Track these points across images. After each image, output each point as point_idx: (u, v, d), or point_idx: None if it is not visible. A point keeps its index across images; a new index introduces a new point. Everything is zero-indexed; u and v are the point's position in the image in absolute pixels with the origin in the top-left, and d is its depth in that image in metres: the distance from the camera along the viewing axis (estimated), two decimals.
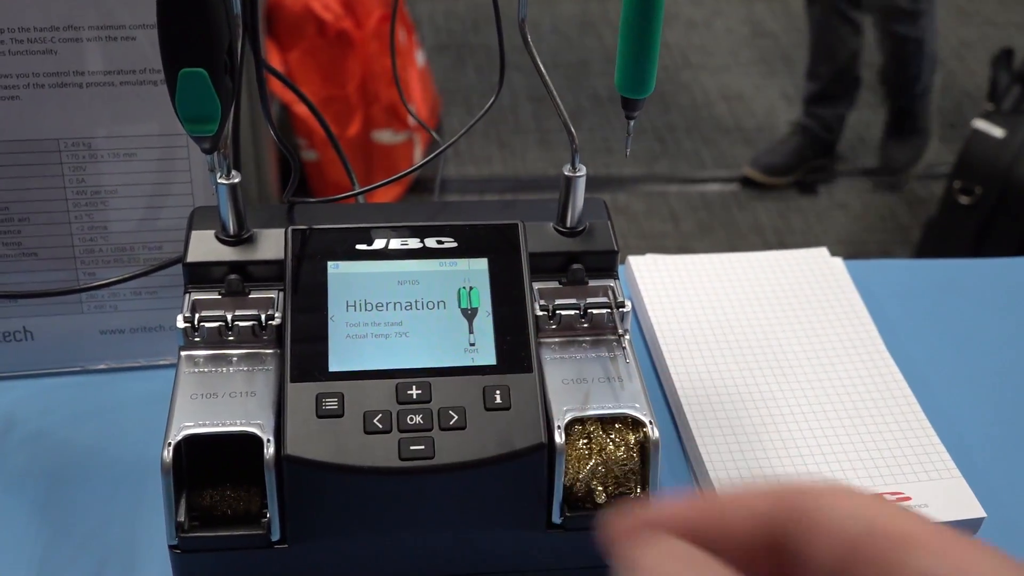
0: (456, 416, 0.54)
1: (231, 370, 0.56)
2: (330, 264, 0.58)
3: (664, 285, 0.79)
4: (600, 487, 0.55)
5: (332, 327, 0.56)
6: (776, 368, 0.73)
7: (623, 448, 0.56)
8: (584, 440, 0.56)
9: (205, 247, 0.59)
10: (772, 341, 0.75)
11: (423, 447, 0.53)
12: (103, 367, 0.73)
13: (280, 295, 0.58)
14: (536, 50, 0.56)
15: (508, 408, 0.54)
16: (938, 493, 0.64)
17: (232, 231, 0.59)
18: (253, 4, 0.54)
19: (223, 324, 0.57)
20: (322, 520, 0.54)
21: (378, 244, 0.59)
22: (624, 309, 0.59)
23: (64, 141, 0.66)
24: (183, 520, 0.53)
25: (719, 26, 3.29)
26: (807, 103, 2.60)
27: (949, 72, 3.09)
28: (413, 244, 0.59)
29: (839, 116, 2.61)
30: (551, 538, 0.56)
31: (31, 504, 0.63)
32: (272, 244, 0.59)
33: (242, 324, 0.57)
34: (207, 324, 0.57)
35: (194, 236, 0.59)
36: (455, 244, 0.60)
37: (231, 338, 0.57)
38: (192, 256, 0.58)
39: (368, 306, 0.57)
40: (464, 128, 0.64)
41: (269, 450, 0.52)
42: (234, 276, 0.58)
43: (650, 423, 0.55)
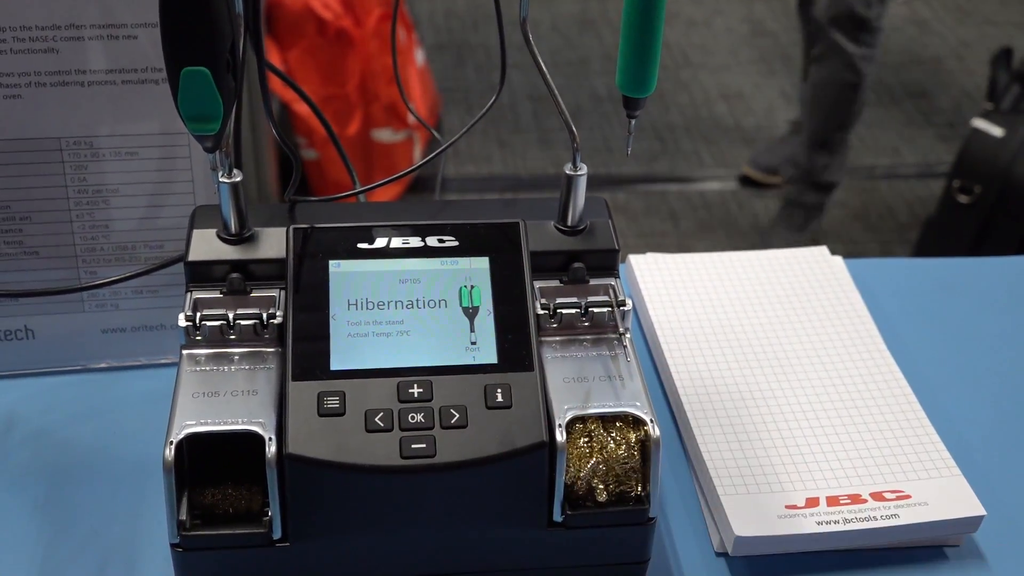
0: (457, 415, 0.54)
1: (233, 369, 0.56)
2: (331, 263, 0.58)
3: (664, 284, 0.79)
4: (601, 485, 0.56)
5: (333, 326, 0.56)
6: (776, 366, 0.73)
7: (624, 446, 0.56)
8: (585, 438, 0.56)
9: (207, 246, 0.59)
10: (772, 339, 0.75)
11: (424, 445, 0.53)
12: (104, 366, 0.73)
13: (281, 294, 0.58)
14: (536, 49, 0.56)
15: (509, 407, 0.55)
16: (937, 491, 0.64)
17: (234, 230, 0.59)
18: (255, 3, 0.54)
19: (225, 323, 0.57)
20: (323, 518, 0.54)
21: (379, 243, 0.59)
22: (625, 308, 0.59)
23: (66, 140, 0.66)
24: (185, 518, 0.53)
25: (719, 25, 3.29)
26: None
27: (948, 71, 3.09)
28: (414, 243, 0.59)
29: None
30: (552, 536, 0.56)
31: (32, 503, 0.64)
32: (273, 243, 0.59)
33: (243, 323, 0.57)
34: (209, 323, 0.57)
35: (196, 235, 0.59)
36: (456, 243, 0.60)
37: (232, 337, 0.57)
38: (194, 255, 0.59)
39: (369, 305, 0.57)
40: (465, 127, 0.64)
41: (271, 449, 0.52)
42: (236, 275, 0.58)
43: (651, 421, 0.55)
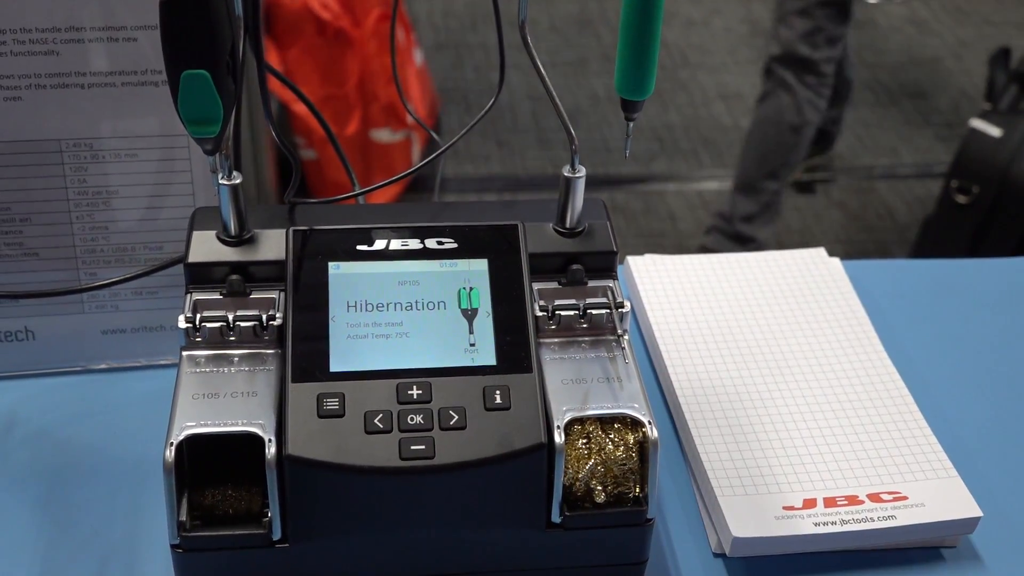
0: (456, 416, 0.54)
1: (232, 370, 0.56)
2: (331, 265, 0.58)
3: (663, 285, 0.80)
4: (599, 486, 0.56)
5: (333, 327, 0.57)
6: (774, 368, 0.73)
7: (622, 448, 0.56)
8: (583, 440, 0.56)
9: (206, 247, 0.59)
10: (770, 341, 0.75)
11: (423, 447, 0.53)
12: (104, 367, 0.73)
13: (281, 295, 0.58)
14: (535, 50, 0.56)
15: (508, 408, 0.55)
16: (934, 492, 0.64)
17: (233, 232, 0.59)
18: (255, 5, 0.54)
19: (224, 324, 0.57)
20: (323, 519, 0.54)
21: (379, 245, 0.59)
22: (623, 309, 0.60)
23: (66, 142, 0.67)
24: (185, 519, 0.54)
25: (717, 25, 3.29)
26: None
27: (946, 71, 3.09)
28: (413, 245, 0.60)
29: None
30: (551, 537, 0.56)
31: (32, 503, 0.64)
32: (273, 245, 0.59)
33: (243, 324, 0.57)
34: (208, 324, 0.57)
35: (195, 236, 0.60)
36: (455, 245, 0.60)
37: (232, 338, 0.57)
38: (193, 256, 0.59)
39: (369, 306, 0.58)
40: (464, 128, 0.64)
41: (270, 450, 0.52)
42: (235, 276, 0.58)
43: (649, 423, 0.55)
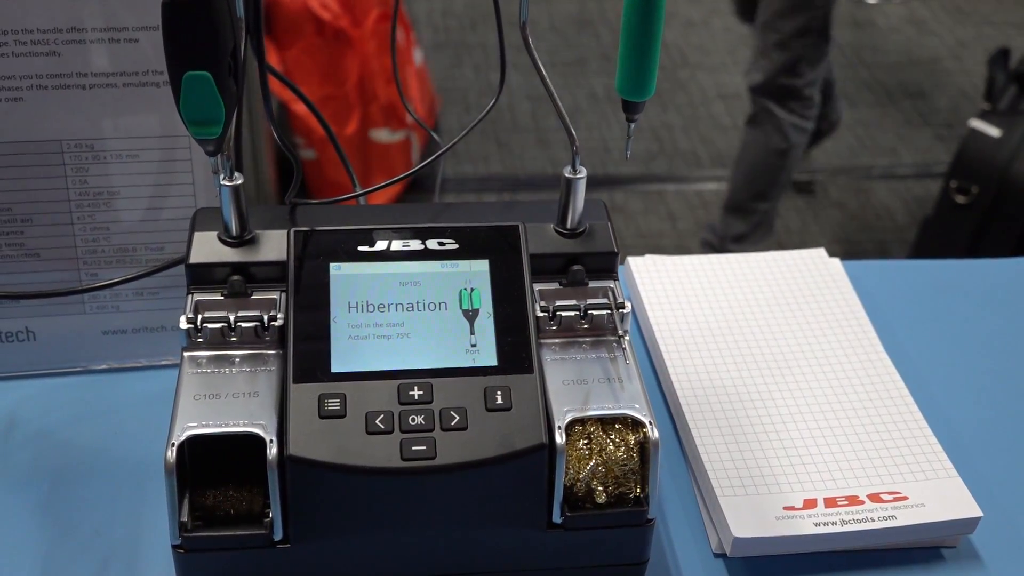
0: (457, 417, 0.54)
1: (234, 371, 0.56)
2: (332, 265, 0.58)
3: (663, 286, 0.80)
4: (600, 487, 0.56)
5: (334, 328, 0.57)
6: (774, 368, 0.73)
7: (623, 448, 0.56)
8: (584, 440, 0.56)
9: (207, 248, 0.59)
10: (770, 341, 0.75)
11: (425, 447, 0.53)
12: (105, 367, 0.73)
13: (282, 296, 0.58)
14: (535, 49, 0.56)
15: (509, 409, 0.55)
16: (935, 492, 0.64)
17: (234, 232, 0.59)
18: (256, 6, 0.54)
19: (226, 325, 0.57)
20: (324, 520, 0.54)
21: (380, 246, 0.60)
22: (624, 310, 0.60)
23: (67, 142, 0.67)
24: (186, 520, 0.54)
25: (717, 25, 3.29)
26: None
27: (946, 71, 3.10)
28: (415, 246, 0.60)
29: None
30: (551, 538, 0.56)
31: (34, 504, 0.64)
32: (274, 245, 0.59)
33: (245, 325, 0.57)
34: (210, 325, 0.57)
35: (196, 237, 0.60)
36: (456, 246, 0.60)
37: (234, 339, 0.57)
38: (195, 257, 0.59)
39: (370, 307, 0.58)
40: (464, 129, 0.64)
41: (272, 450, 0.52)
42: (236, 277, 0.58)
43: (650, 423, 0.55)
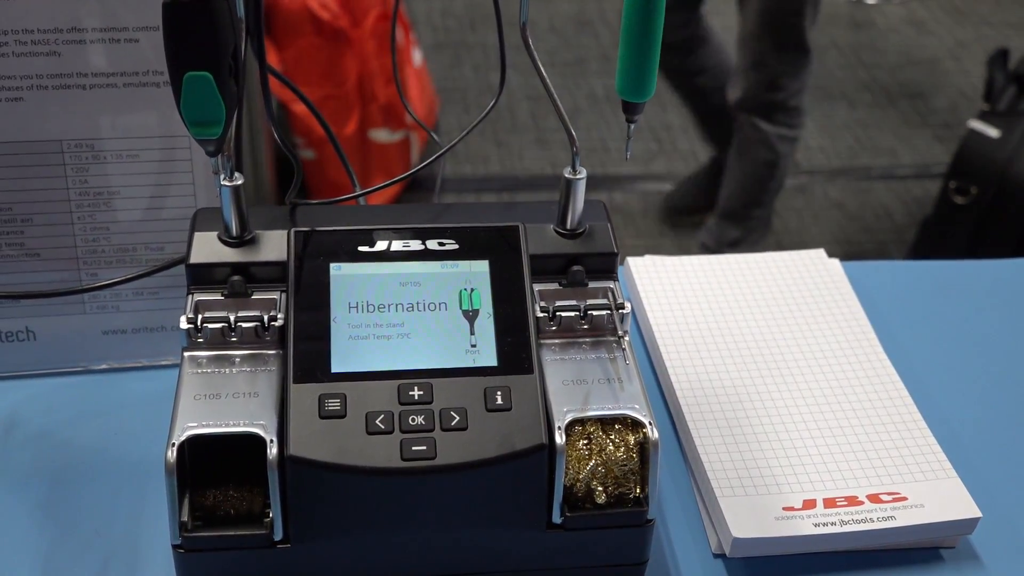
0: (457, 417, 0.54)
1: (234, 371, 0.56)
2: (332, 265, 0.59)
3: (663, 286, 0.80)
4: (600, 487, 0.56)
5: (334, 328, 0.57)
6: (774, 369, 0.73)
7: (623, 449, 0.56)
8: (584, 441, 0.56)
9: (208, 248, 0.59)
10: (770, 342, 0.76)
11: (425, 448, 0.53)
12: (105, 367, 0.73)
13: (282, 296, 0.58)
14: (535, 50, 0.56)
15: (509, 409, 0.55)
16: (934, 493, 0.64)
17: (235, 233, 0.59)
18: (257, 6, 0.54)
19: (226, 325, 0.57)
20: (324, 520, 0.54)
21: (380, 246, 0.60)
22: (624, 311, 0.60)
23: (67, 142, 0.67)
24: (186, 520, 0.54)
25: (715, 25, 3.29)
26: None
27: (945, 72, 3.10)
28: (415, 246, 0.60)
29: None
30: (551, 538, 0.57)
31: (34, 504, 0.64)
32: (274, 246, 0.59)
33: (245, 325, 0.57)
34: (210, 325, 0.57)
35: (197, 237, 0.60)
36: (456, 246, 0.60)
37: (234, 339, 0.57)
38: (195, 257, 0.59)
39: (370, 307, 0.58)
40: (464, 130, 0.64)
41: (272, 450, 0.52)
42: (237, 277, 0.58)
43: (650, 424, 0.56)
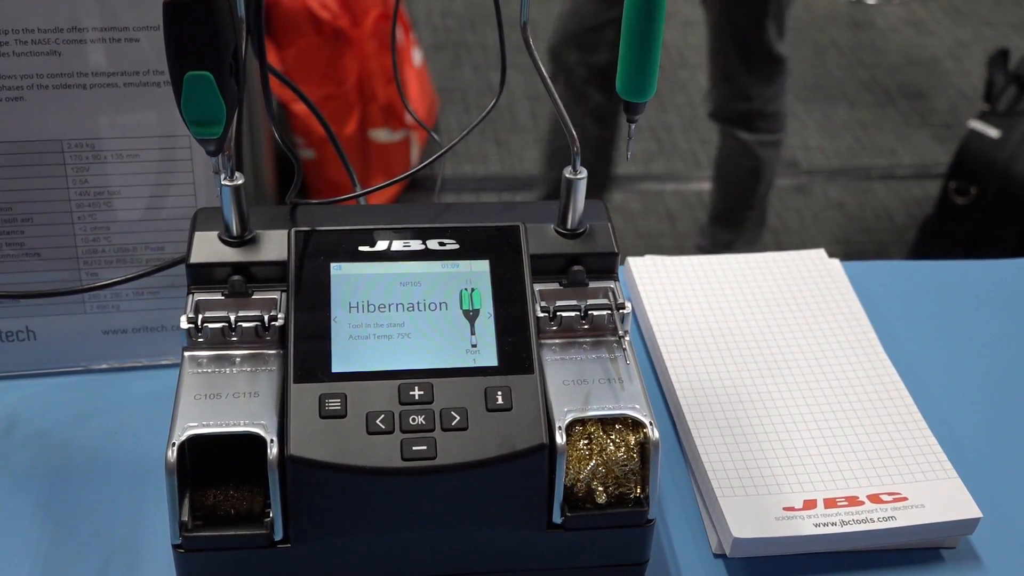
0: (458, 417, 0.54)
1: (234, 371, 0.56)
2: (333, 265, 0.59)
3: (663, 286, 0.80)
4: (600, 487, 0.56)
5: (335, 328, 0.57)
6: (774, 369, 0.73)
7: (623, 449, 0.56)
8: (585, 441, 0.56)
9: (208, 248, 0.59)
10: (770, 342, 0.75)
11: (425, 447, 0.53)
12: (105, 367, 0.73)
13: (283, 296, 0.58)
14: (535, 50, 0.56)
15: (509, 409, 0.55)
16: (934, 493, 0.64)
17: (235, 232, 0.59)
18: (257, 6, 0.54)
19: (226, 325, 0.57)
20: (325, 520, 0.54)
21: (380, 246, 0.60)
22: (624, 310, 0.60)
23: (67, 142, 0.67)
24: (186, 519, 0.54)
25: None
26: None
27: (945, 72, 3.10)
28: (415, 246, 0.60)
29: None
30: (552, 538, 0.56)
31: (34, 504, 0.64)
32: (275, 245, 0.59)
33: (245, 325, 0.57)
34: (210, 325, 0.57)
35: (197, 237, 0.60)
36: (457, 246, 0.60)
37: (234, 339, 0.57)
38: (195, 257, 0.59)
39: (371, 307, 0.58)
40: (464, 130, 0.64)
41: (272, 450, 0.52)
42: (237, 277, 0.58)
43: (650, 424, 0.56)
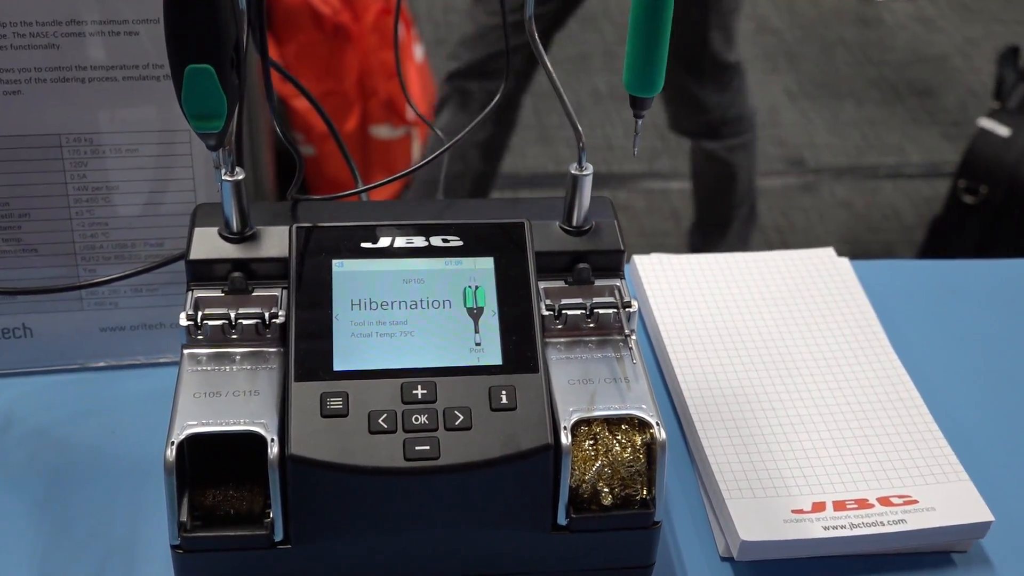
0: (461, 416, 0.54)
1: (234, 369, 0.56)
2: (334, 262, 0.58)
3: (669, 285, 0.79)
4: (606, 488, 0.55)
5: (336, 326, 0.56)
6: (782, 369, 0.72)
7: (629, 449, 0.55)
8: (590, 441, 0.55)
9: (208, 244, 0.58)
10: (778, 342, 0.75)
11: (428, 447, 0.52)
12: (103, 364, 0.73)
13: (284, 293, 0.58)
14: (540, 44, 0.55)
15: (514, 408, 0.54)
16: (945, 496, 0.63)
17: (235, 228, 0.58)
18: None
19: (226, 322, 0.56)
20: (326, 520, 0.54)
21: (383, 242, 0.59)
22: (630, 309, 0.59)
23: (66, 136, 0.66)
24: (185, 520, 0.53)
25: None
26: None
27: (954, 69, 3.09)
28: (418, 242, 0.59)
29: None
30: (556, 539, 0.56)
31: (31, 503, 0.63)
32: (276, 242, 0.59)
33: (245, 322, 0.56)
34: (210, 322, 0.56)
35: (197, 233, 0.59)
36: (461, 243, 0.59)
37: (234, 336, 0.57)
38: (195, 253, 0.58)
39: (373, 305, 0.57)
40: (467, 127, 0.63)
41: (273, 450, 0.52)
42: (237, 274, 0.58)
43: (657, 424, 0.55)
